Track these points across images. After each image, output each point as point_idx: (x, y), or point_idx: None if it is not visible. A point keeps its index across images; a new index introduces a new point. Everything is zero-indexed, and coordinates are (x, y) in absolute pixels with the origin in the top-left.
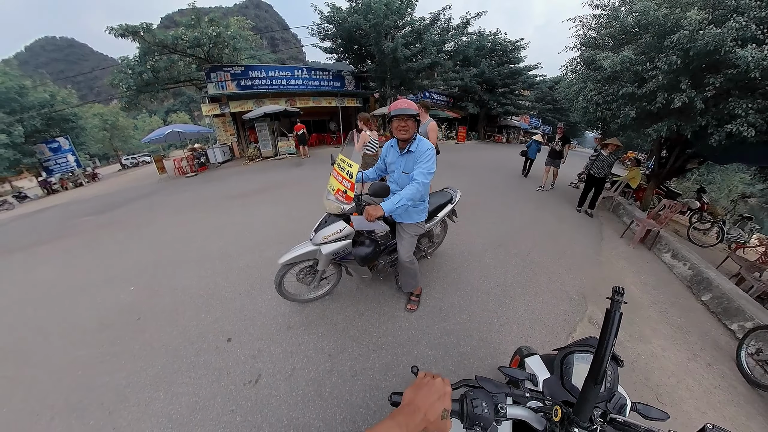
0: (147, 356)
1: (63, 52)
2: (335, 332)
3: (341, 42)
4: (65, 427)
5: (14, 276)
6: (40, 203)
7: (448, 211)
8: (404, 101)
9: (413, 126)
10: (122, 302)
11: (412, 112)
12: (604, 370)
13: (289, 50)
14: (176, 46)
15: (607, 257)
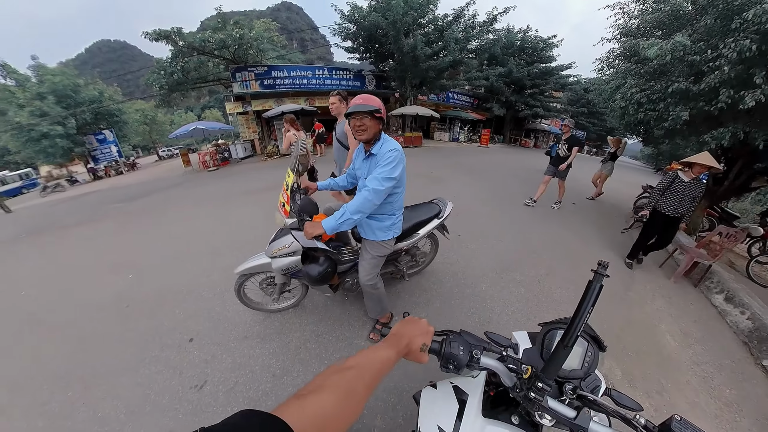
0: (123, 342)
1: (116, 54)
2: (287, 351)
3: (362, 41)
4: (49, 394)
5: (45, 253)
6: (86, 188)
7: (433, 227)
8: (363, 96)
9: (374, 125)
10: (119, 288)
11: (368, 108)
12: (577, 335)
13: (317, 51)
14: (204, 48)
15: (639, 293)
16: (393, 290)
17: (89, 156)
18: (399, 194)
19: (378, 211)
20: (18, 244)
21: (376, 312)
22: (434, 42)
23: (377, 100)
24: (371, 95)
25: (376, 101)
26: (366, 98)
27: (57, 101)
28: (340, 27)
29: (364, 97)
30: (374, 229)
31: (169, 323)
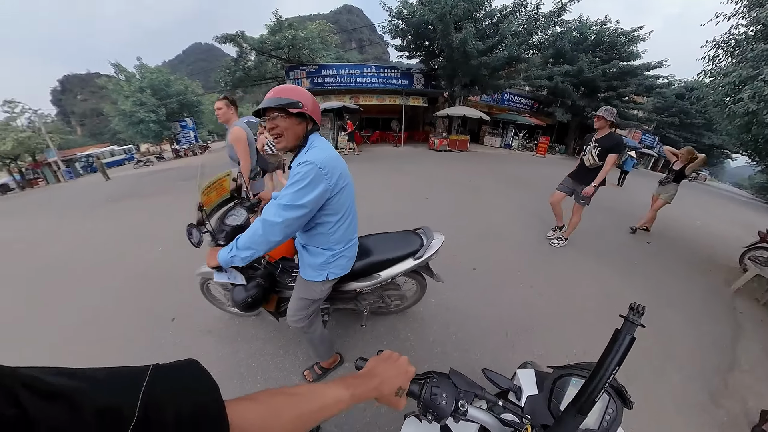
0: (132, 310)
1: (204, 54)
2: (232, 359)
3: (411, 38)
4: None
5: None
6: (168, 164)
7: (405, 270)
8: (278, 88)
9: (291, 126)
10: (150, 259)
11: (281, 102)
12: (594, 399)
13: (374, 51)
14: (262, 49)
15: (742, 381)
16: (368, 323)
17: (174, 138)
18: (336, 224)
19: (310, 241)
20: (100, 209)
21: (317, 355)
22: (489, 36)
23: (298, 91)
24: (293, 86)
25: (296, 92)
26: (280, 90)
27: (153, 93)
28: (389, 24)
29: (279, 88)
30: (305, 262)
31: (170, 301)
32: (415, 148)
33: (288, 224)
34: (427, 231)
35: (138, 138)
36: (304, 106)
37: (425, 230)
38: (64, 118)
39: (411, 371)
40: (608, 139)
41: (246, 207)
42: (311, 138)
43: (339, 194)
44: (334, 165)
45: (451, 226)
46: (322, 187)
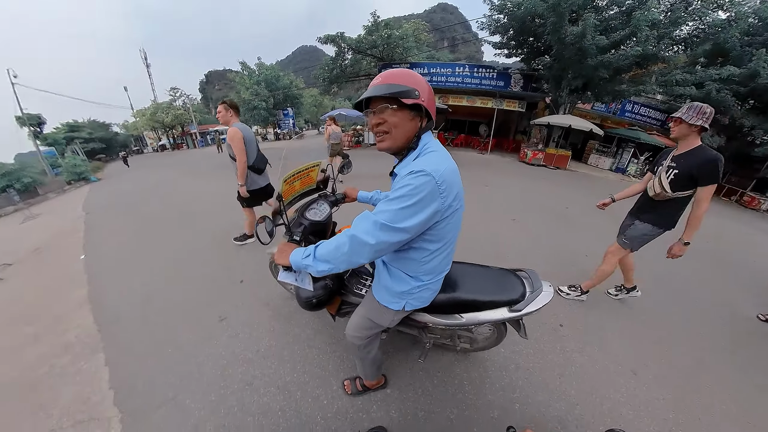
0: (214, 261)
1: (309, 55)
2: (282, 337)
3: (513, 34)
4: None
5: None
6: (270, 144)
7: (496, 320)
8: (386, 73)
9: (402, 121)
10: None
11: (395, 89)
12: None
13: (467, 50)
14: (358, 48)
15: None
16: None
17: (276, 123)
18: (434, 253)
19: (395, 263)
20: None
21: (362, 372)
22: (615, 29)
23: (413, 76)
24: (407, 70)
25: (411, 77)
26: (391, 75)
27: (266, 86)
28: (488, 20)
29: (389, 73)
30: (382, 283)
31: (239, 262)
32: (503, 157)
33: (380, 248)
34: (532, 277)
35: (251, 121)
36: (420, 95)
37: (530, 275)
38: (205, 102)
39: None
40: (695, 156)
41: (330, 202)
42: (424, 139)
43: (449, 219)
44: (453, 181)
45: (539, 263)
46: (434, 208)
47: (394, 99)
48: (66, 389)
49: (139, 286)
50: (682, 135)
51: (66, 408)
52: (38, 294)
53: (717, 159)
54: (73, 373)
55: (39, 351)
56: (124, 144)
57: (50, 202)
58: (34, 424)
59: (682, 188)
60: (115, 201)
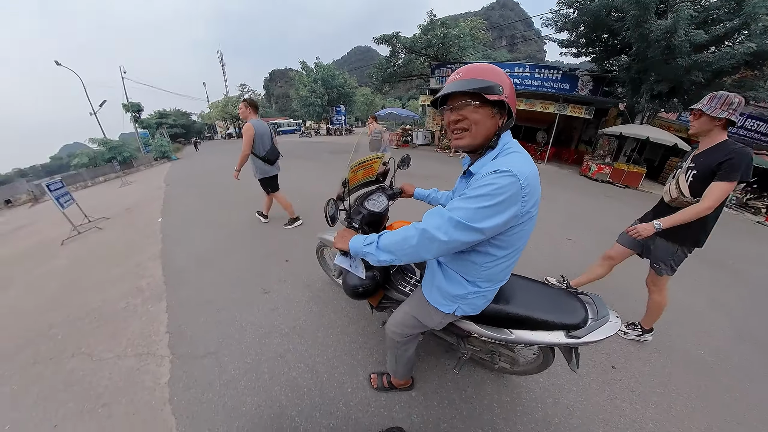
0: (263, 239)
1: (363, 55)
2: (313, 320)
3: (583, 31)
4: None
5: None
6: (321, 138)
7: (549, 343)
8: (469, 67)
9: (486, 120)
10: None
11: (480, 84)
12: None
13: (527, 49)
14: (413, 48)
15: None
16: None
17: (329, 119)
18: (499, 260)
19: (454, 265)
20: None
21: (392, 369)
22: (716, 21)
23: (496, 71)
24: (489, 65)
25: (494, 72)
26: (474, 69)
27: (322, 84)
28: (555, 15)
29: (470, 67)
30: (435, 284)
31: (286, 242)
32: (561, 168)
33: (451, 247)
34: (597, 303)
35: (306, 116)
36: (504, 91)
37: (595, 301)
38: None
39: None
40: (718, 151)
41: (388, 195)
42: (504, 138)
43: (523, 225)
44: (536, 185)
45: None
46: (514, 211)
47: (476, 95)
48: (134, 324)
49: (201, 251)
50: (704, 130)
51: (132, 340)
52: (125, 244)
53: (742, 153)
54: (141, 313)
55: (120, 289)
56: (199, 131)
57: (141, 173)
58: (108, 346)
59: (698, 192)
60: (189, 177)
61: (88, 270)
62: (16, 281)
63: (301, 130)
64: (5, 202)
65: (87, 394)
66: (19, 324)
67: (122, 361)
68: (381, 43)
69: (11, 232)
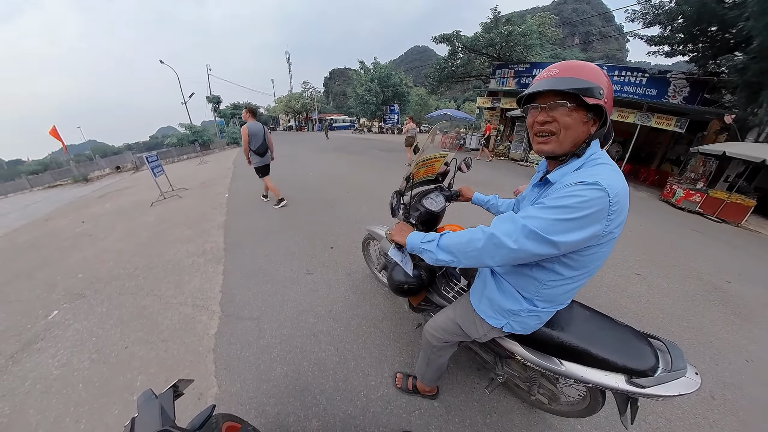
0: (313, 224)
1: (420, 55)
2: (349, 309)
3: (682, 23)
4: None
5: (323, 158)
6: (373, 136)
7: (603, 385)
8: (565, 64)
9: (578, 126)
10: (340, 197)
11: (579, 84)
12: None
13: (604, 48)
14: (473, 47)
15: None
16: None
17: (382, 118)
18: (565, 281)
19: (511, 278)
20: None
21: (420, 373)
22: None
23: (596, 71)
24: (588, 63)
25: (595, 72)
26: (570, 67)
27: (378, 83)
28: (645, 6)
29: (565, 65)
30: (486, 294)
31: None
32: (637, 191)
33: (520, 256)
34: (672, 352)
35: (361, 113)
36: (604, 95)
37: (669, 349)
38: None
39: None
40: None
41: (446, 195)
42: (592, 147)
43: (602, 246)
44: (625, 204)
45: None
46: (597, 229)
47: (573, 96)
48: (196, 279)
49: (258, 226)
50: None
51: (191, 292)
52: (197, 212)
53: None
54: (203, 271)
55: (189, 248)
56: (265, 122)
57: (215, 155)
58: (174, 293)
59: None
60: None
61: (168, 229)
62: (117, 228)
63: (355, 127)
64: (116, 168)
65: (153, 328)
66: (114, 261)
67: (182, 308)
68: (440, 43)
69: (119, 191)
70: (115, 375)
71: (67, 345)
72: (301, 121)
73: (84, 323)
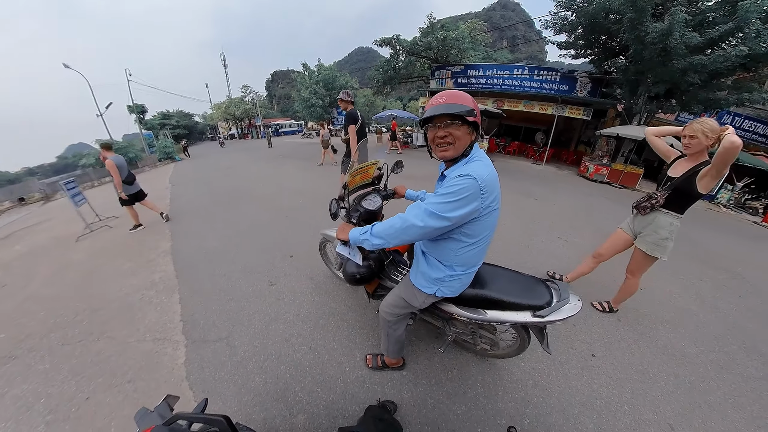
0: (269, 236)
1: (365, 56)
2: (318, 310)
3: (581, 33)
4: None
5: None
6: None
7: (518, 322)
8: (448, 93)
9: (465, 136)
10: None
11: (461, 109)
12: None
13: (528, 50)
14: (413, 50)
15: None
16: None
17: (330, 121)
18: (469, 246)
19: (433, 252)
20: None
21: (385, 349)
22: (712, 23)
23: (468, 98)
24: (461, 92)
25: (468, 98)
26: (453, 96)
27: (323, 86)
28: (554, 17)
29: (450, 93)
30: (419, 269)
31: (290, 239)
32: (559, 170)
33: (426, 231)
34: (562, 288)
35: (308, 117)
36: (476, 114)
37: (560, 287)
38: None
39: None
40: None
41: (382, 195)
42: (474, 149)
43: (486, 217)
44: (494, 185)
45: (580, 288)
46: (475, 206)
47: (459, 116)
48: (150, 314)
49: (210, 247)
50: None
51: (149, 327)
52: (136, 241)
53: None
54: (156, 303)
55: (134, 282)
56: (202, 131)
57: (146, 173)
58: (129, 332)
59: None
60: (192, 177)
61: (105, 265)
62: (39, 273)
63: (303, 131)
64: (19, 200)
65: (114, 371)
66: (45, 311)
67: (142, 345)
68: (382, 45)
69: (29, 228)
70: (83, 428)
71: (8, 416)
72: (244, 128)
73: (24, 387)
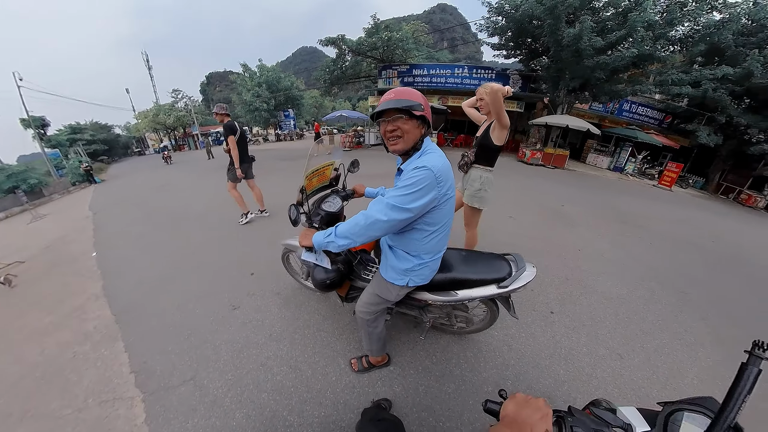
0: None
1: (309, 56)
2: (292, 323)
3: (511, 36)
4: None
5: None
6: (271, 145)
7: (485, 296)
8: (398, 90)
9: (413, 129)
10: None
11: (407, 104)
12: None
13: (467, 50)
14: (359, 50)
15: None
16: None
17: (278, 125)
18: (431, 234)
19: (399, 244)
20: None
21: (368, 349)
22: (611, 30)
23: (416, 94)
24: (411, 89)
25: (416, 95)
26: (401, 92)
27: (267, 88)
28: (486, 21)
29: (399, 90)
30: (388, 263)
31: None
32: (501, 157)
33: (391, 225)
34: (518, 259)
35: (252, 122)
36: (424, 109)
37: (516, 258)
38: (206, 103)
39: (550, 412)
40: None
41: (341, 196)
42: (426, 142)
43: (443, 204)
44: (448, 174)
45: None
46: (433, 195)
47: (406, 111)
48: (89, 373)
49: (151, 279)
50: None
51: (90, 389)
52: (54, 288)
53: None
54: (95, 359)
55: (61, 339)
56: (126, 145)
57: (56, 202)
58: (63, 402)
59: None
60: (120, 201)
61: (14, 322)
62: None
63: (249, 137)
64: None
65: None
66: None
67: (85, 413)
68: (327, 45)
69: None
70: None
71: None
72: (179, 138)
73: None
